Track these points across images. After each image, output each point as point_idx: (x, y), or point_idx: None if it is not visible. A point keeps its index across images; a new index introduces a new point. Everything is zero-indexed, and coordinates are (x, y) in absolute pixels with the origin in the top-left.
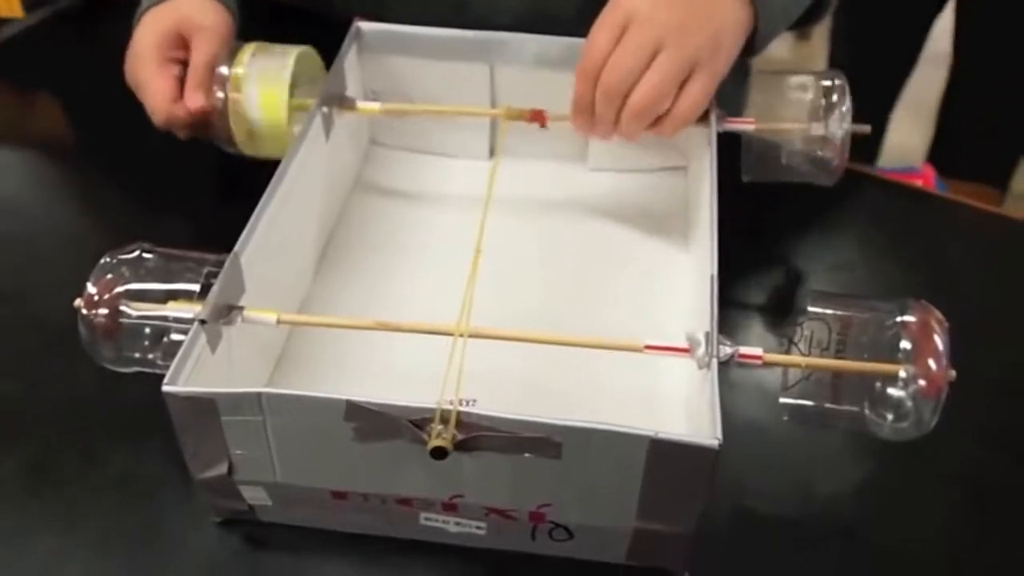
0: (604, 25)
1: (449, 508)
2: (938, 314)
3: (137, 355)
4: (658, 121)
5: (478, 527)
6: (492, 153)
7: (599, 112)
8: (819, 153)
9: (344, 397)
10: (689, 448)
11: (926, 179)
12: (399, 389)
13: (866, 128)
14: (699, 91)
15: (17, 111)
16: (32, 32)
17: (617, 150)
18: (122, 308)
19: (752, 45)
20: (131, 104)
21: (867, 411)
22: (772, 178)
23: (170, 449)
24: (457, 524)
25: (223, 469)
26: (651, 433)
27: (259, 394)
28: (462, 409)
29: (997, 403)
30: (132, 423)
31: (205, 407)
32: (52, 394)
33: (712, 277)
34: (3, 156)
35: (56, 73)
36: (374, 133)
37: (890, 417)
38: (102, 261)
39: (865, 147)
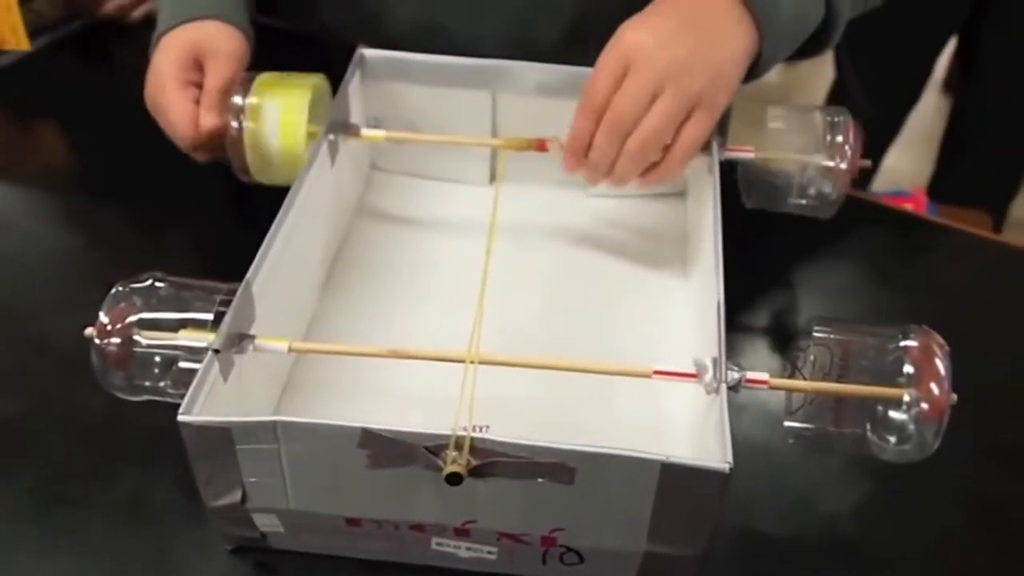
0: (605, 67)
1: (461, 533)
2: (939, 339)
3: (148, 383)
4: (652, 166)
5: (489, 552)
6: (492, 178)
7: (598, 151)
8: (820, 186)
9: (359, 424)
10: (700, 472)
11: (917, 203)
12: (407, 414)
13: (866, 163)
14: (695, 132)
15: (21, 136)
16: (35, 58)
17: None
18: (135, 337)
19: (755, 69)
20: (136, 129)
21: (870, 434)
22: (771, 207)
23: (180, 473)
24: (468, 549)
25: (236, 497)
26: (662, 458)
27: (274, 423)
28: (476, 435)
29: (997, 424)
30: (142, 445)
31: (220, 436)
32: (61, 415)
33: (719, 303)
34: (9, 180)
35: (61, 98)
36: (375, 158)
37: (893, 440)
38: (114, 290)
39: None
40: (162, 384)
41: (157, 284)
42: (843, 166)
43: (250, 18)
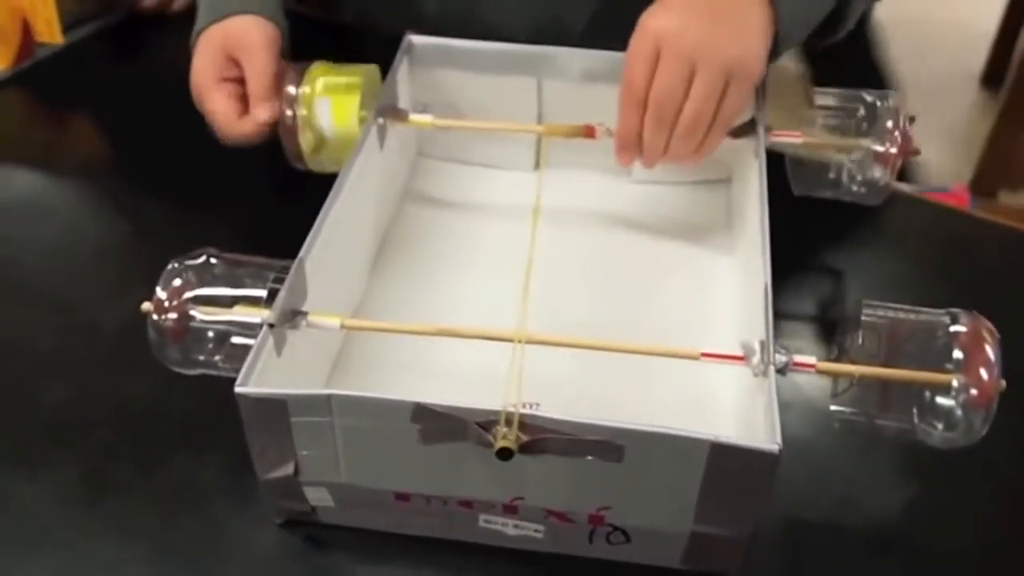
0: (638, 55)
1: (510, 510)
2: (989, 325)
3: (202, 357)
4: (703, 140)
5: (536, 530)
6: (537, 165)
7: (649, 139)
8: (868, 172)
9: (412, 400)
10: (750, 453)
11: (959, 199)
12: (454, 392)
13: (917, 149)
14: (735, 102)
15: (60, 128)
16: (73, 50)
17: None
18: (190, 312)
19: (775, 49)
20: (178, 118)
21: (916, 420)
22: (819, 193)
23: (226, 457)
24: (516, 527)
25: (289, 470)
26: (712, 437)
27: (329, 396)
28: (526, 412)
29: None
30: (187, 431)
31: (275, 408)
32: (108, 402)
33: (766, 286)
34: (52, 171)
35: (100, 90)
36: (421, 145)
37: (940, 426)
38: (170, 267)
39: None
40: (216, 358)
41: (211, 260)
42: (893, 150)
43: (283, 8)
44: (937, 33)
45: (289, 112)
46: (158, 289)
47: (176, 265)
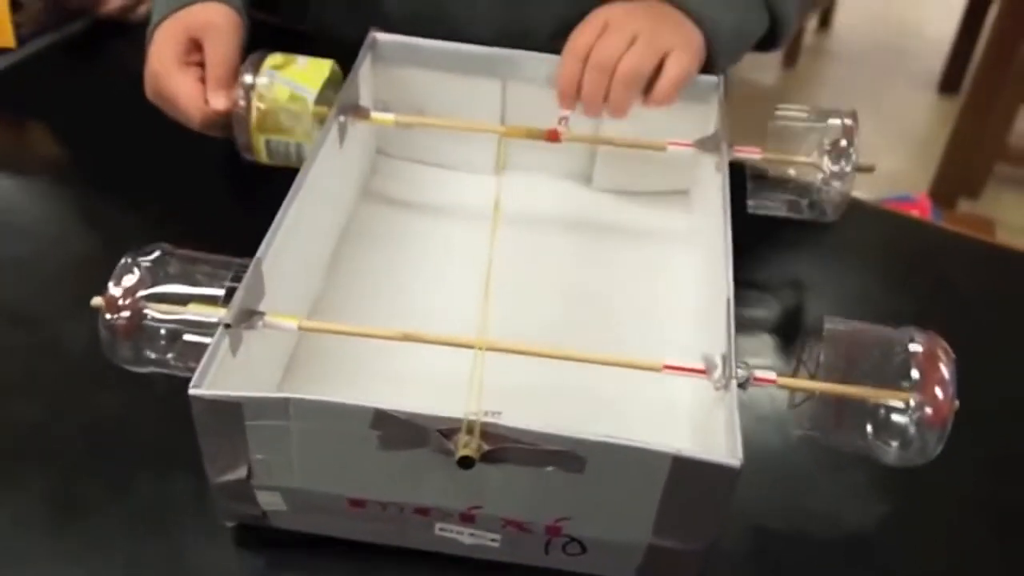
0: (586, 26)
1: (467, 519)
2: (944, 344)
3: (154, 355)
4: (647, 94)
5: (493, 539)
6: (498, 168)
7: (589, 85)
8: (824, 190)
9: (372, 405)
10: (711, 467)
11: (922, 208)
12: (414, 396)
13: (872, 166)
14: (677, 63)
15: (20, 137)
16: (33, 59)
17: (622, 171)
18: (144, 310)
19: (711, 63)
20: (139, 126)
21: (872, 437)
22: (774, 211)
23: (196, 475)
24: (472, 535)
25: (242, 473)
26: (674, 451)
27: (287, 399)
28: (488, 420)
29: (1006, 432)
30: (156, 449)
31: (230, 411)
32: (75, 420)
33: (728, 300)
34: (13, 183)
35: (60, 98)
36: (381, 143)
37: (895, 444)
38: (122, 262)
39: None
40: (168, 356)
41: (166, 257)
42: (848, 168)
43: (245, 2)
44: (894, 41)
45: (243, 102)
46: (110, 285)
47: (129, 260)
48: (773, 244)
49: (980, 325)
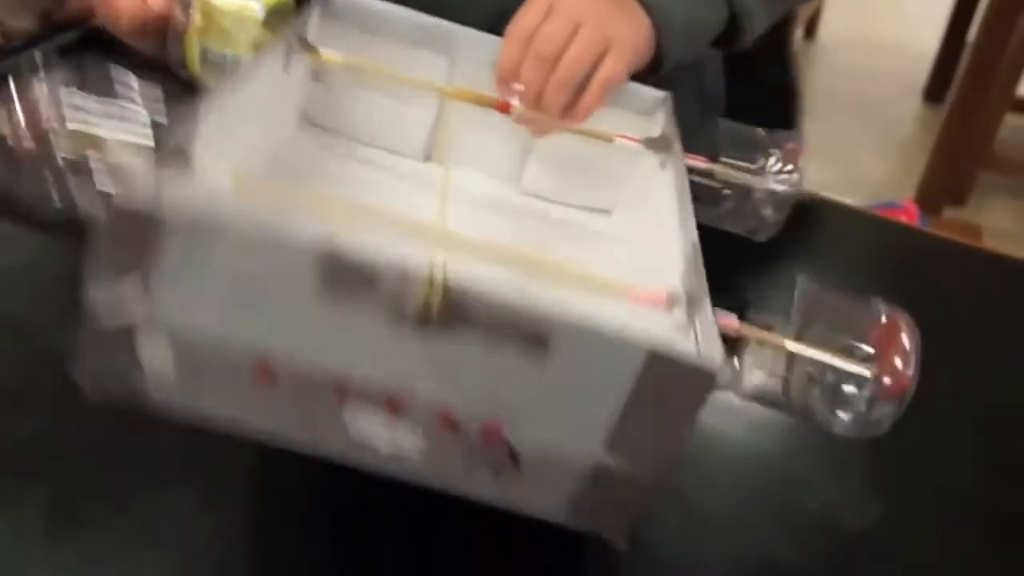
0: (530, 6)
1: (392, 407)
2: (908, 318)
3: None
4: (577, 97)
5: (413, 446)
6: (427, 157)
7: (528, 72)
8: (762, 207)
9: (325, 240)
10: (688, 368)
11: (910, 215)
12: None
13: (809, 195)
14: (610, 68)
15: None
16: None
17: (551, 180)
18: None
19: (657, 64)
20: None
21: (825, 402)
22: (708, 221)
23: (196, 489)
24: (391, 439)
25: (139, 311)
26: (651, 344)
27: (223, 219)
28: (455, 273)
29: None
30: (154, 463)
31: (150, 225)
32: (71, 433)
33: (694, 244)
34: None
35: None
36: (311, 112)
37: (848, 412)
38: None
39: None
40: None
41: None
42: (788, 191)
43: None
44: (880, 49)
45: (181, 16)
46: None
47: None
48: (758, 249)
49: (970, 329)
